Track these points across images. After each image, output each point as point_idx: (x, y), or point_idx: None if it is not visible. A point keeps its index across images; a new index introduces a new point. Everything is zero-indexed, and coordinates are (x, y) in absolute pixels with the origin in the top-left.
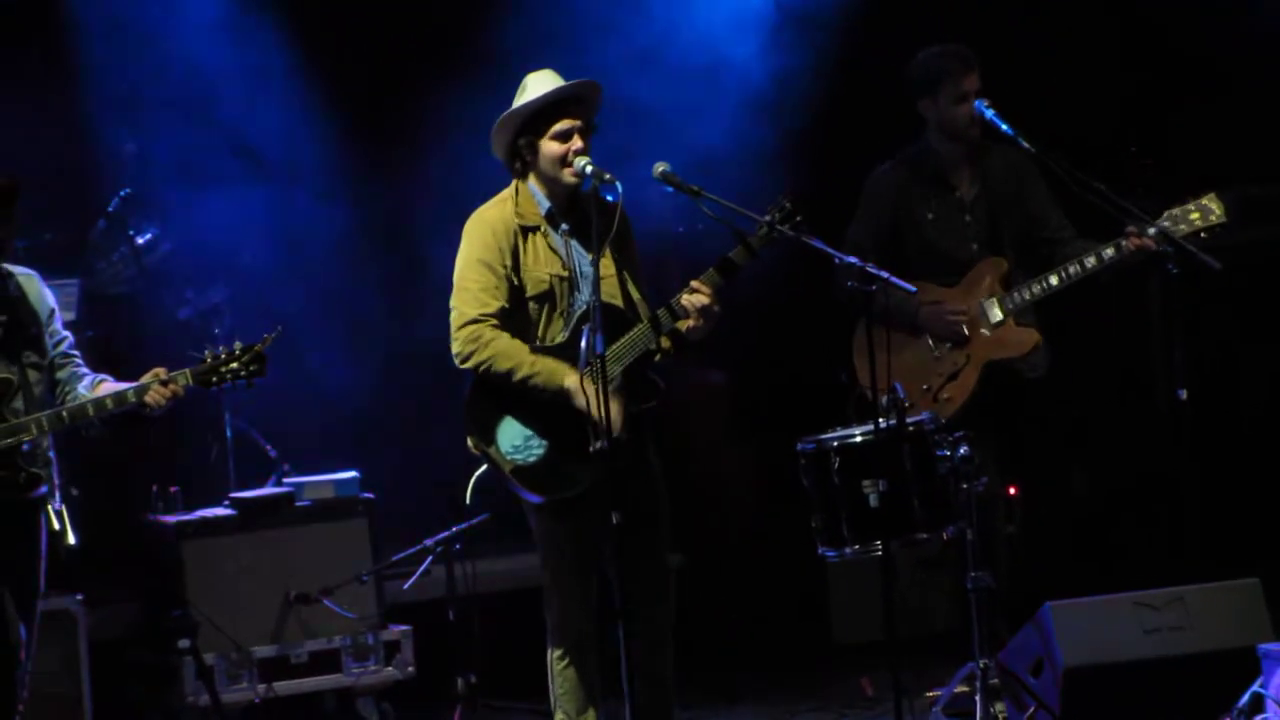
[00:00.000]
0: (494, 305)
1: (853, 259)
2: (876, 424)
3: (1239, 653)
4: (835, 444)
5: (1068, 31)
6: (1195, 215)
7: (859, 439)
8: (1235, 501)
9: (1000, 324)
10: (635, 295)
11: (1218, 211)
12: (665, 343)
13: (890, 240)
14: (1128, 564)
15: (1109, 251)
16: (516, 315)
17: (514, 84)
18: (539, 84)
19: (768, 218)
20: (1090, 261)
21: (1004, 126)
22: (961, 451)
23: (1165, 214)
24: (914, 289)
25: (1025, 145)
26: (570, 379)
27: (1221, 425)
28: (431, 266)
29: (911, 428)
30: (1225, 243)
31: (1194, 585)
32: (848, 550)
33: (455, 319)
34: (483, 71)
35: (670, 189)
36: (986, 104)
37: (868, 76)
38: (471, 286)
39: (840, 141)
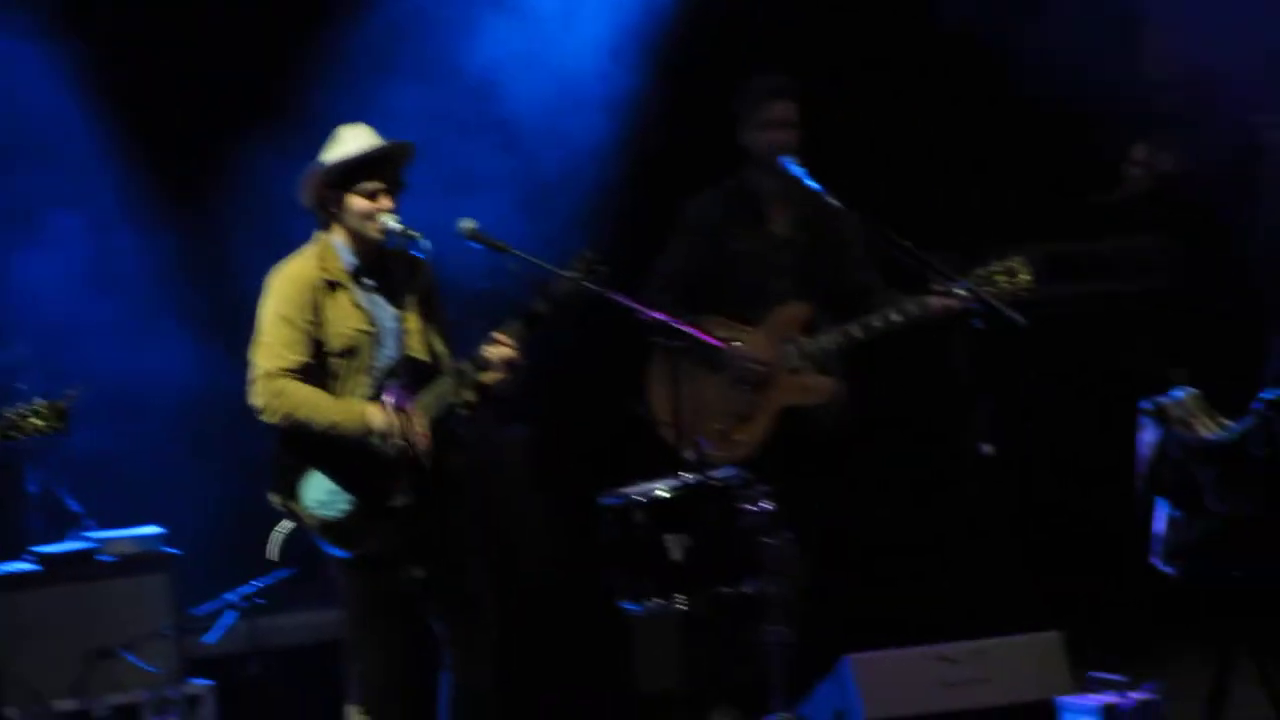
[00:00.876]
0: (293, 360)
1: (659, 315)
2: (680, 478)
3: (1038, 706)
4: (639, 498)
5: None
6: (1001, 277)
7: (663, 493)
8: (1037, 555)
9: (799, 370)
10: (441, 350)
11: (1025, 275)
12: (470, 396)
13: (699, 271)
14: (929, 616)
15: (913, 308)
16: (319, 371)
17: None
18: (351, 138)
19: (571, 272)
20: (894, 316)
21: (811, 183)
22: (764, 506)
23: (971, 274)
24: (719, 344)
25: (832, 201)
26: (373, 413)
27: (1024, 479)
28: (243, 319)
29: (716, 482)
30: (1031, 298)
31: (995, 638)
32: (650, 603)
33: (254, 373)
34: (296, 120)
35: (477, 245)
36: (795, 160)
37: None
38: (271, 340)
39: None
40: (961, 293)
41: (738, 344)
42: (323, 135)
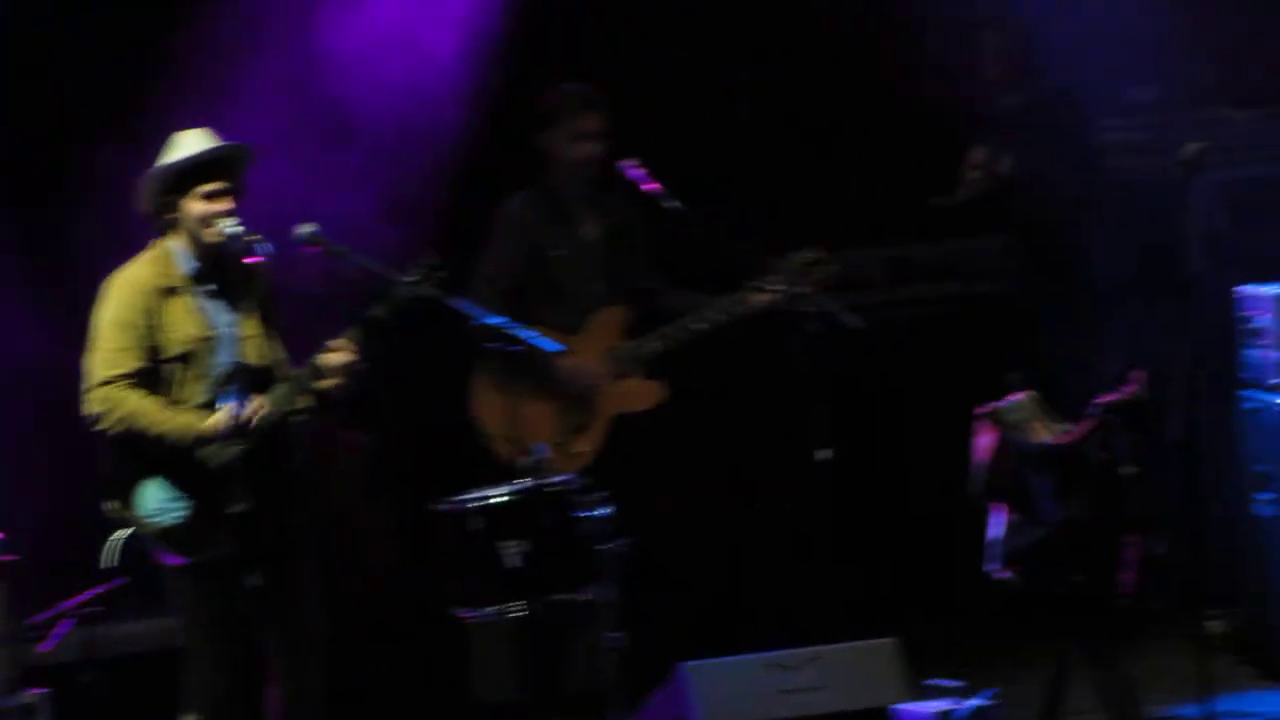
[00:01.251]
0: (129, 366)
1: (497, 319)
2: (516, 484)
3: (874, 713)
4: (475, 504)
5: (706, 82)
6: (809, 267)
7: (499, 500)
8: (875, 561)
9: (627, 376)
10: (278, 356)
11: (825, 264)
12: (307, 402)
13: (520, 276)
14: (765, 623)
15: (733, 306)
16: (155, 377)
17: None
18: (188, 143)
19: (410, 277)
20: (715, 316)
21: (650, 187)
22: (601, 512)
23: (781, 265)
24: (560, 348)
25: (672, 204)
26: (204, 424)
27: (861, 484)
28: (85, 324)
29: (552, 488)
30: (872, 301)
31: (831, 645)
32: (487, 610)
33: (89, 381)
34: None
35: (316, 250)
36: (635, 163)
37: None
38: (107, 347)
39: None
40: (779, 288)
41: (572, 358)
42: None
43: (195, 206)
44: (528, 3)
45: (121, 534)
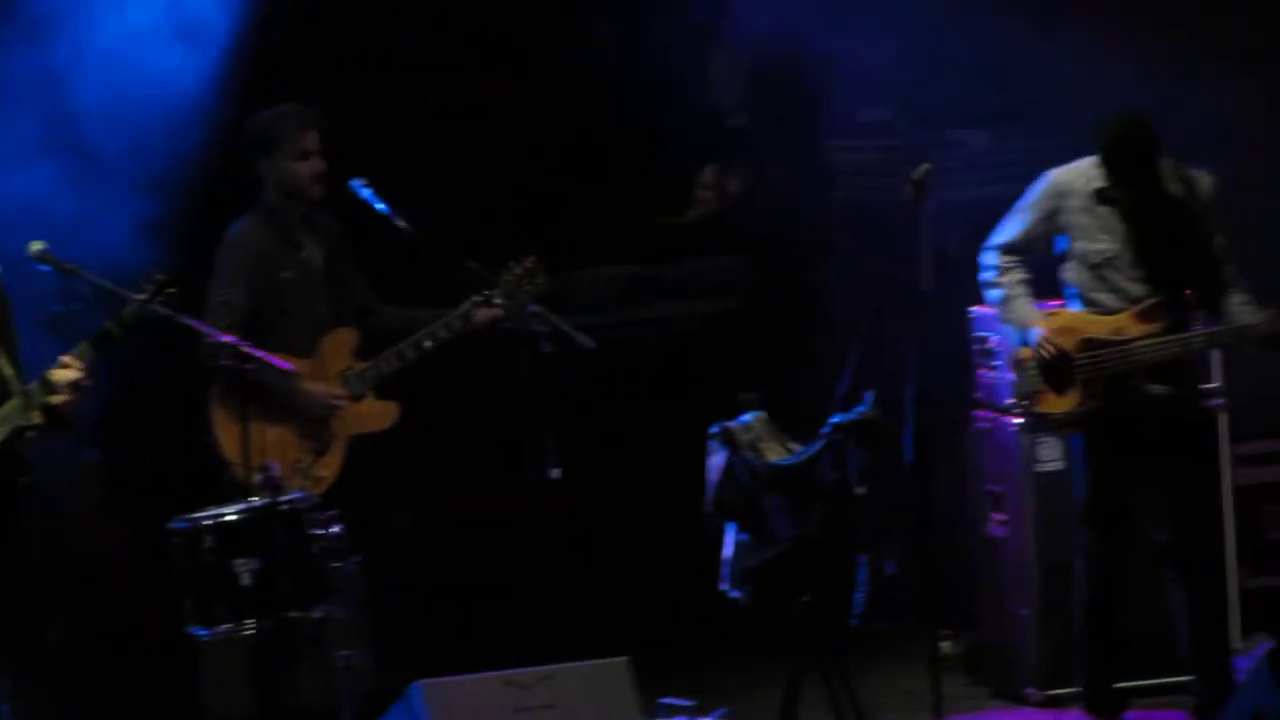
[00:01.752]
0: None
1: (228, 337)
2: (249, 502)
3: None
4: (208, 522)
5: (446, 105)
6: (525, 281)
7: (232, 518)
8: (608, 580)
9: (362, 397)
10: (9, 372)
11: (539, 275)
12: (37, 419)
13: (253, 300)
14: (500, 641)
15: (458, 323)
16: None
17: None
18: None
19: (141, 294)
20: (442, 333)
21: (380, 206)
22: (333, 530)
23: (500, 280)
24: (290, 367)
25: (401, 224)
26: None
27: (594, 503)
28: None
29: (285, 506)
30: (605, 320)
31: (563, 664)
32: (220, 628)
33: None
34: None
35: (48, 267)
36: (364, 182)
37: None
38: None
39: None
40: (499, 302)
41: (308, 381)
42: None
43: None
44: (261, 27)
45: None
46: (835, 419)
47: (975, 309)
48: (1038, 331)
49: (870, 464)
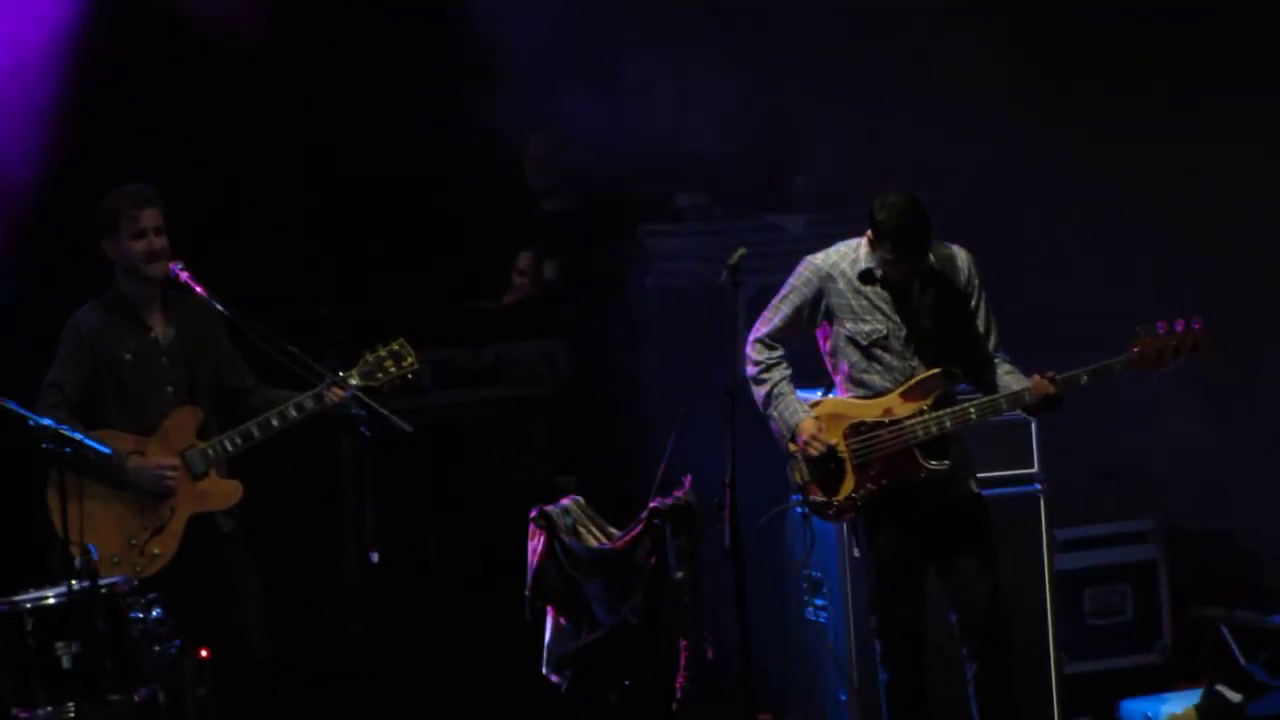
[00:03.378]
0: None
1: (47, 421)
2: (70, 585)
3: None
4: (28, 605)
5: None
6: (389, 363)
7: (52, 600)
8: (426, 663)
9: (204, 476)
10: None
11: (409, 358)
12: None
13: (90, 382)
14: None
15: (309, 403)
16: None
17: None
18: None
19: None
20: (291, 413)
21: (198, 289)
22: (155, 614)
23: (360, 360)
24: (109, 450)
25: (219, 307)
26: None
27: (415, 587)
28: None
29: (105, 589)
30: (418, 405)
31: None
32: (40, 711)
33: None
34: None
35: None
36: (181, 266)
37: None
38: None
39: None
40: (354, 383)
41: (138, 456)
42: None
43: None
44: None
45: None
46: (653, 504)
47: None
48: (805, 429)
49: (688, 549)
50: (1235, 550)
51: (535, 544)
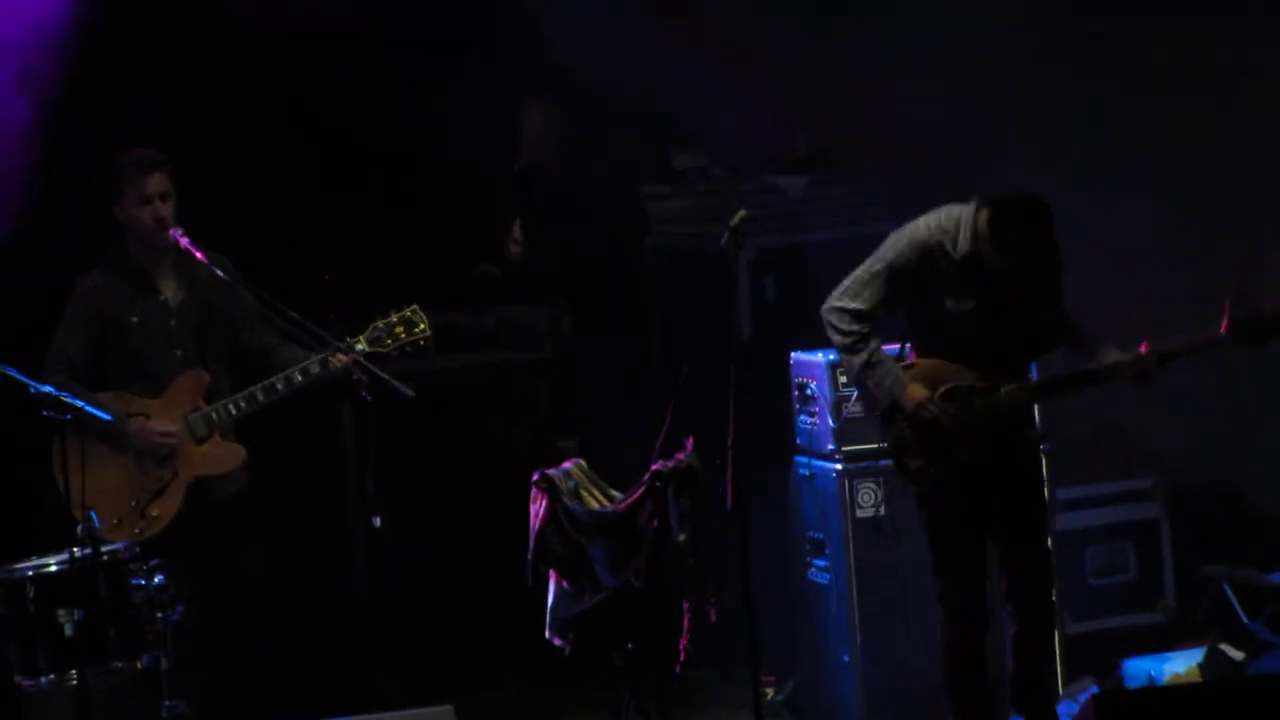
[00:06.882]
0: None
1: (47, 387)
2: (72, 553)
3: None
4: (30, 573)
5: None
6: (400, 328)
7: (54, 568)
8: (430, 628)
9: (206, 439)
10: None
11: (421, 324)
12: None
13: (97, 345)
14: (326, 689)
15: (315, 368)
16: None
17: None
18: None
19: None
20: (296, 377)
21: (198, 254)
22: (157, 580)
23: (371, 327)
24: (110, 418)
25: (219, 273)
26: None
27: (418, 552)
28: None
29: (106, 556)
30: (420, 369)
31: (388, 713)
32: (44, 679)
33: None
34: None
35: None
36: (182, 232)
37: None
38: None
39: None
40: (360, 348)
41: (140, 418)
42: None
43: None
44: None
45: None
46: (655, 466)
47: (795, 355)
48: (914, 394)
49: (691, 511)
50: (1238, 509)
51: (537, 507)
